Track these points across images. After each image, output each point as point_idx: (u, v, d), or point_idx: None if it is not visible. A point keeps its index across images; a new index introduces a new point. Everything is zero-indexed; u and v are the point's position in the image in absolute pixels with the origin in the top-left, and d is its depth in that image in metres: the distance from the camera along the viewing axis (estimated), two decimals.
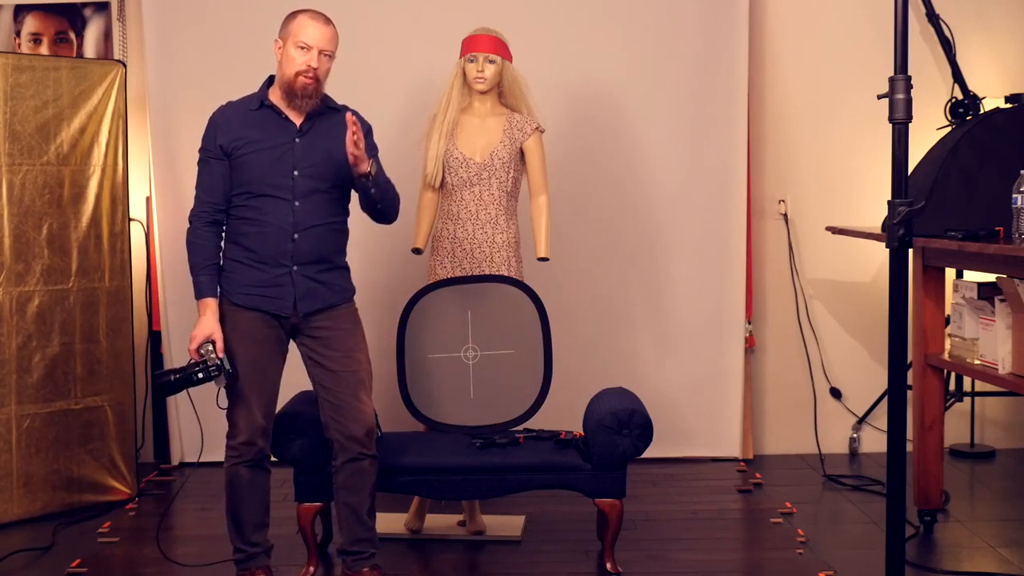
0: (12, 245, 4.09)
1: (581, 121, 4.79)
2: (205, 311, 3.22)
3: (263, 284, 3.24)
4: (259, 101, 3.29)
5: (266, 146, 3.23)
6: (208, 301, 3.23)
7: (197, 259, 3.25)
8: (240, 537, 3.33)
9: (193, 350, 3.19)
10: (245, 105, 3.30)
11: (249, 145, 3.23)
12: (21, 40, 4.90)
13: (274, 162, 3.23)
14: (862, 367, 4.99)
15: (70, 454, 4.25)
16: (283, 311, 3.26)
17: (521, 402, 3.78)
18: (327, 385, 3.31)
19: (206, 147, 3.27)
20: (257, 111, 3.28)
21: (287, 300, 3.25)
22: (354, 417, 3.28)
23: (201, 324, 3.21)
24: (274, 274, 3.24)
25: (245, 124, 3.25)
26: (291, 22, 3.25)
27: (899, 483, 2.65)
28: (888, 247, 2.61)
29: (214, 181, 3.25)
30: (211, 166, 3.25)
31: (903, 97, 2.57)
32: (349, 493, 3.33)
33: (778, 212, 4.97)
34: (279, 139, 3.25)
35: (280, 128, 3.26)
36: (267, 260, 3.23)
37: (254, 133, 3.24)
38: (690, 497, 4.38)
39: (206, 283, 3.24)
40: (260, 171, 3.22)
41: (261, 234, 3.22)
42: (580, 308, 4.83)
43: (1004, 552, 3.70)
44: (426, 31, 4.71)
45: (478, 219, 3.86)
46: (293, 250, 3.23)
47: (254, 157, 3.22)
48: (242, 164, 3.23)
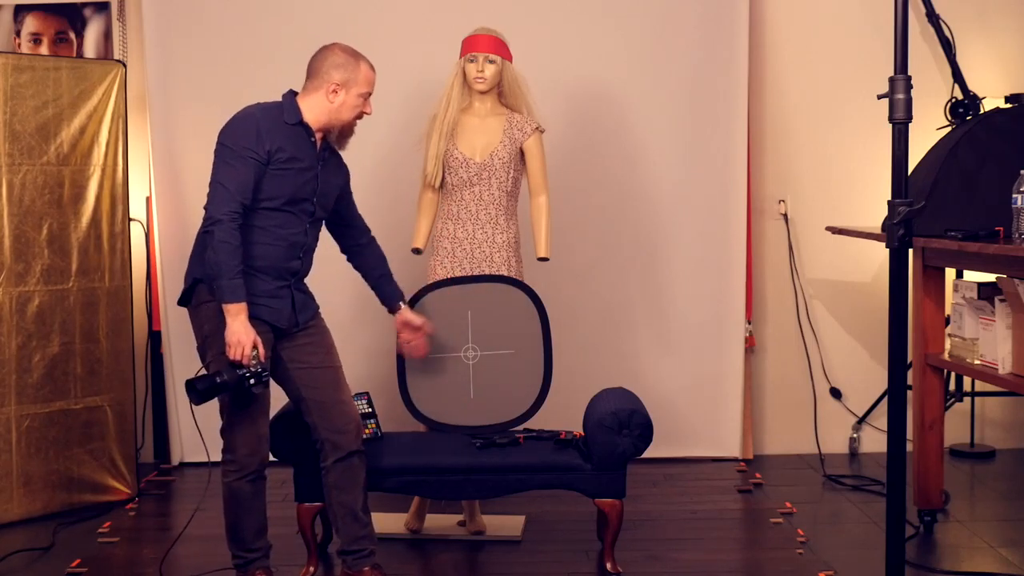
0: (12, 245, 4.09)
1: (581, 121, 4.79)
2: (241, 314, 3.09)
3: (266, 294, 3.22)
4: (297, 117, 3.22)
5: (301, 165, 3.21)
6: (243, 306, 3.10)
7: (234, 261, 3.08)
8: (240, 545, 3.32)
9: (246, 355, 3.08)
10: (278, 115, 3.21)
11: (290, 161, 3.18)
12: (21, 40, 4.90)
13: (303, 183, 3.23)
14: (862, 367, 4.99)
15: (70, 454, 4.25)
16: (280, 322, 3.26)
17: (521, 402, 3.78)
18: (313, 386, 3.32)
19: (249, 146, 3.11)
20: (293, 127, 3.21)
21: (285, 312, 3.27)
22: (341, 412, 3.32)
23: (244, 329, 3.09)
24: (275, 285, 3.24)
25: (286, 137, 3.19)
26: (356, 71, 3.23)
27: (899, 483, 2.65)
28: (888, 247, 2.61)
29: (249, 182, 3.11)
30: (250, 167, 3.11)
31: (903, 97, 2.57)
32: (342, 492, 3.34)
33: (778, 212, 4.97)
34: (310, 162, 3.24)
35: (310, 151, 3.25)
36: (271, 271, 3.22)
37: (293, 149, 3.20)
38: (690, 497, 4.38)
39: (240, 287, 3.09)
40: (292, 188, 3.20)
41: (276, 246, 3.21)
42: (580, 308, 4.83)
43: (1004, 552, 3.70)
44: (426, 31, 4.71)
45: (478, 219, 3.86)
46: (298, 268, 3.29)
47: (290, 173, 3.19)
48: (278, 176, 3.16)
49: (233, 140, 3.14)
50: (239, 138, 3.14)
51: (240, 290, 3.09)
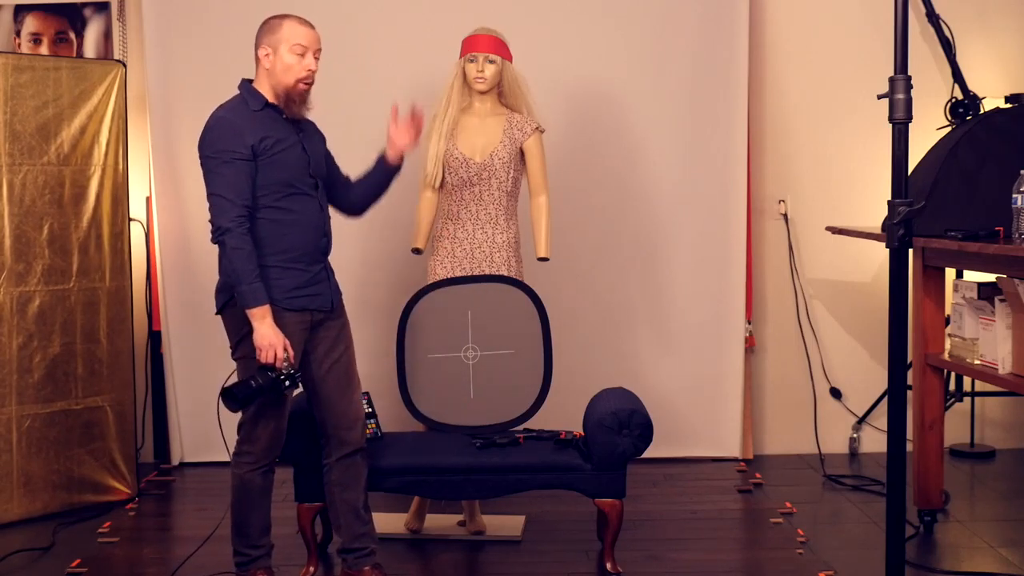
0: (12, 245, 4.09)
1: (581, 121, 4.79)
2: (267, 317, 3.08)
3: (308, 283, 3.21)
4: (261, 102, 3.20)
5: (288, 144, 3.19)
6: (267, 308, 3.08)
7: (250, 265, 3.07)
8: (245, 541, 3.32)
9: (279, 358, 3.07)
10: (244, 108, 3.19)
11: (278, 144, 3.16)
12: (21, 40, 4.90)
13: (297, 159, 3.21)
14: (862, 367, 4.99)
15: (70, 454, 4.25)
16: (325, 307, 3.26)
17: (521, 402, 3.78)
18: (325, 379, 3.31)
19: (232, 149, 3.09)
20: (261, 112, 3.19)
21: (327, 296, 3.27)
22: (349, 409, 3.32)
23: (273, 331, 3.07)
24: (313, 271, 3.23)
25: (262, 124, 3.17)
26: (279, 28, 3.19)
27: (899, 483, 2.65)
28: (888, 247, 2.61)
29: (243, 184, 3.09)
30: (239, 168, 3.09)
31: (903, 97, 2.57)
32: (344, 489, 3.34)
33: (778, 212, 4.97)
34: (292, 138, 3.22)
35: (287, 128, 3.22)
36: (304, 258, 3.21)
37: (274, 132, 3.17)
38: (690, 497, 4.38)
39: (262, 290, 3.08)
40: (292, 169, 3.18)
41: (298, 233, 3.19)
42: (580, 308, 4.83)
43: (1004, 552, 3.70)
44: (426, 31, 4.71)
45: (478, 219, 3.86)
46: (326, 246, 3.28)
47: (284, 155, 3.17)
48: (274, 163, 3.14)
49: (213, 148, 3.12)
50: (218, 144, 3.11)
51: (260, 293, 3.08)
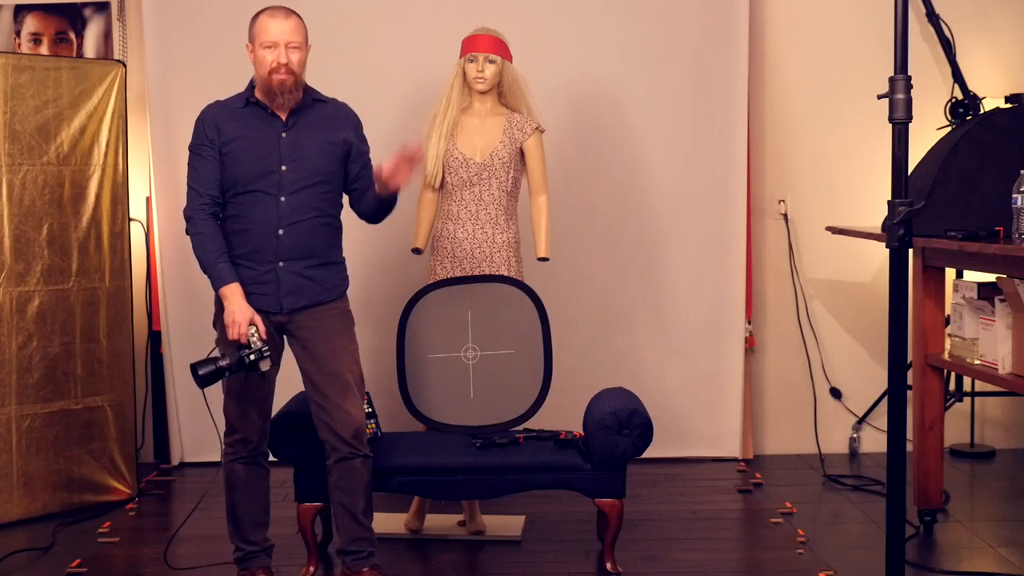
0: (12, 245, 4.09)
1: (581, 121, 4.79)
2: (234, 295, 3.15)
3: (252, 281, 3.23)
4: (244, 99, 3.29)
5: (253, 142, 3.24)
6: (234, 286, 3.16)
7: (210, 248, 3.18)
8: (239, 535, 3.36)
9: (243, 334, 3.11)
10: (232, 104, 3.31)
11: (236, 142, 3.23)
12: (21, 40, 4.90)
13: (261, 157, 3.23)
14: (862, 367, 4.99)
15: (70, 454, 4.25)
16: (271, 307, 3.26)
17: (521, 402, 3.78)
18: (314, 385, 3.31)
19: (199, 142, 3.26)
20: (244, 109, 3.28)
21: (273, 297, 3.25)
22: (339, 418, 3.28)
23: (238, 308, 3.13)
24: (260, 271, 3.24)
25: (233, 121, 3.26)
26: (254, 24, 3.27)
27: (899, 483, 2.65)
28: (888, 247, 2.61)
29: (208, 174, 3.23)
30: (205, 159, 3.23)
31: (903, 97, 2.57)
32: (342, 493, 3.34)
33: (778, 212, 4.97)
34: (266, 134, 3.25)
35: (266, 124, 3.26)
36: (253, 257, 3.24)
37: (241, 130, 3.25)
38: (690, 497, 4.38)
39: (226, 270, 3.17)
40: (247, 167, 3.23)
41: (245, 231, 3.23)
42: (580, 308, 4.83)
43: (1004, 552, 3.70)
44: (426, 31, 4.71)
45: (478, 219, 3.86)
46: (278, 246, 3.23)
47: (242, 154, 3.23)
48: (230, 161, 3.23)
49: (191, 142, 3.30)
50: (193, 138, 3.29)
51: (226, 273, 3.18)
